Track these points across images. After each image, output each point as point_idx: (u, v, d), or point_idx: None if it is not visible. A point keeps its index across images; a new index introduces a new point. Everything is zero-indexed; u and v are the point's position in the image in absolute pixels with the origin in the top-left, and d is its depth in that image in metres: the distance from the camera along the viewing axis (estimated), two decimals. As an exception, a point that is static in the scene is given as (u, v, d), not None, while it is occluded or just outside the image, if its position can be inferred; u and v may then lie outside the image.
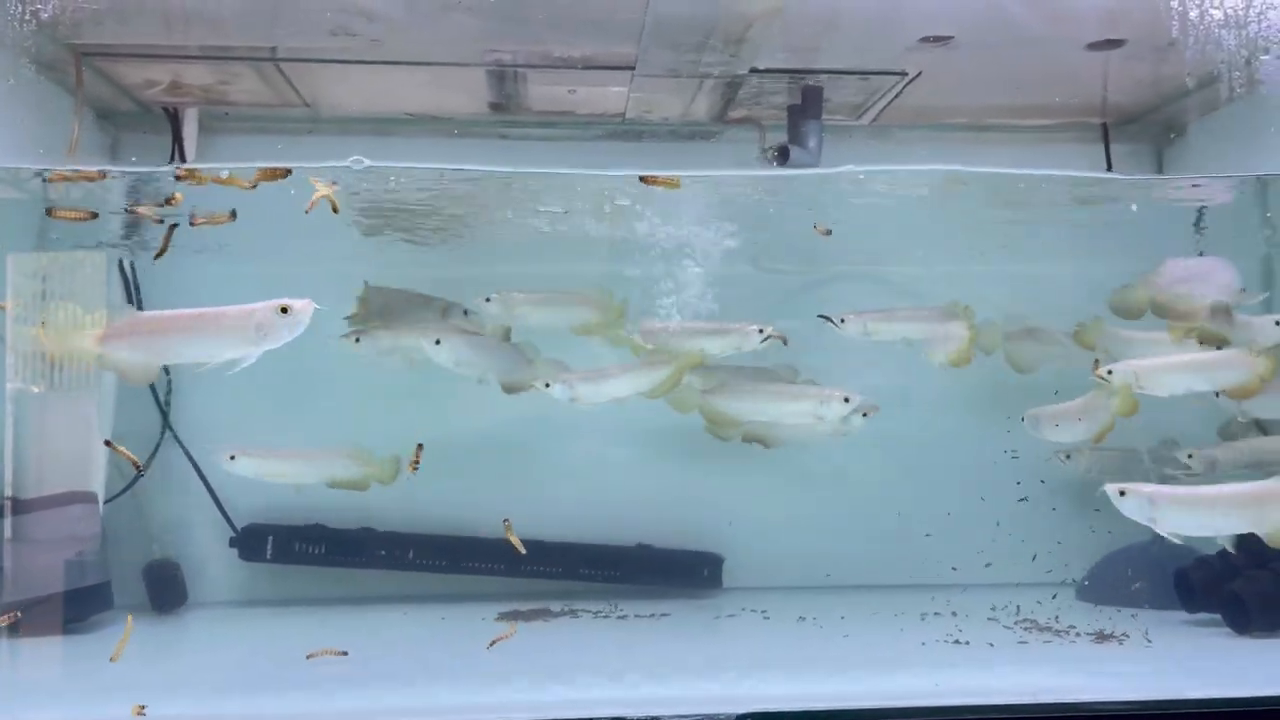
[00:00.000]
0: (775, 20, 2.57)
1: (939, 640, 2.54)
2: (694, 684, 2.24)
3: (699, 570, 3.14)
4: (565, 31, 2.66)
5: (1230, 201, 2.91)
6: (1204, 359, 2.68)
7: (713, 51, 2.73)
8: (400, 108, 3.25)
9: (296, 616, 2.92)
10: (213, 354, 2.22)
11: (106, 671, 2.43)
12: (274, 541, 3.01)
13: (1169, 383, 2.65)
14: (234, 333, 2.18)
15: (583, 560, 3.10)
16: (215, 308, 2.23)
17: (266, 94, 3.07)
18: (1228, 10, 2.22)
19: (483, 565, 3.06)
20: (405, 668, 2.38)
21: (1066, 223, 3.22)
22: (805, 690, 2.16)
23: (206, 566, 3.07)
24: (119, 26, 2.62)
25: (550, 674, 2.26)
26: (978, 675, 2.32)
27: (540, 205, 2.88)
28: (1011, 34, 2.61)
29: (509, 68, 2.90)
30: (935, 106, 3.27)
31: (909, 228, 3.19)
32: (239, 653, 2.65)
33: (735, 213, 2.96)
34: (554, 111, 3.25)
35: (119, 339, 2.26)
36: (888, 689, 2.17)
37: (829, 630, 2.70)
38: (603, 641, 2.64)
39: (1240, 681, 2.19)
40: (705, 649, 2.66)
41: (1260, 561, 2.56)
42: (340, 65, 2.88)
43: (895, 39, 2.75)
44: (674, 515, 3.19)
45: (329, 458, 2.81)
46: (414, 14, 2.53)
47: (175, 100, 3.13)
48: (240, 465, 2.76)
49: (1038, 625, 2.68)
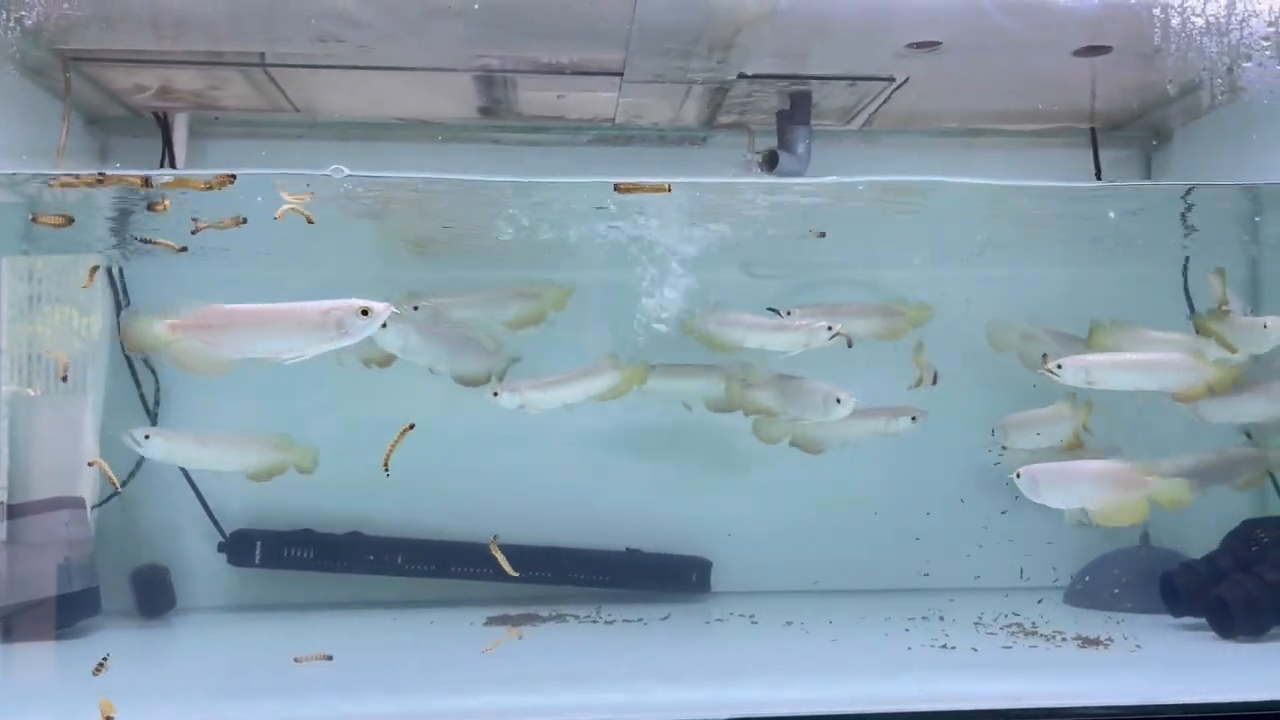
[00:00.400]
0: (763, 26, 2.57)
1: (925, 645, 2.55)
2: (680, 689, 2.25)
3: (687, 575, 3.14)
4: (552, 38, 2.66)
5: (1218, 206, 2.91)
6: (1154, 359, 2.72)
7: (700, 57, 2.73)
8: (390, 112, 3.25)
9: (285, 622, 2.92)
10: (287, 350, 2.22)
11: (94, 677, 2.44)
12: (262, 546, 3.01)
13: (1118, 380, 2.67)
14: (312, 330, 2.19)
15: (571, 565, 3.11)
16: (292, 304, 2.24)
17: (256, 99, 3.07)
18: (1209, 18, 2.23)
19: (471, 570, 3.06)
20: (393, 673, 2.38)
21: (1055, 227, 3.22)
22: (790, 696, 2.16)
23: (195, 572, 3.07)
24: (106, 32, 2.62)
25: (537, 679, 2.26)
26: (962, 680, 2.32)
27: (510, 208, 2.88)
28: (998, 40, 2.62)
29: (497, 73, 2.91)
30: (924, 112, 3.28)
31: (899, 232, 3.20)
32: (227, 658, 2.66)
33: (724, 218, 2.96)
34: (544, 116, 3.26)
35: (193, 331, 2.26)
36: (872, 694, 2.17)
37: (816, 635, 2.70)
38: (590, 647, 2.64)
39: (1224, 686, 2.19)
40: (692, 654, 2.66)
41: (1245, 566, 2.57)
42: (329, 70, 2.88)
43: (883, 45, 2.75)
44: (663, 520, 3.19)
45: (245, 443, 2.72)
46: (400, 21, 2.54)
47: (165, 105, 3.13)
48: (153, 446, 2.65)
49: (1024, 630, 2.69)
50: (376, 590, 3.06)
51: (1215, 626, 2.55)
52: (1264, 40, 2.27)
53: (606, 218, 2.89)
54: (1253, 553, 2.60)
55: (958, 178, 2.66)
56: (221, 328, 2.25)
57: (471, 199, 2.80)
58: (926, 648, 2.53)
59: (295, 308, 2.21)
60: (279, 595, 3.07)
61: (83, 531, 2.79)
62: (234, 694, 2.26)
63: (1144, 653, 2.45)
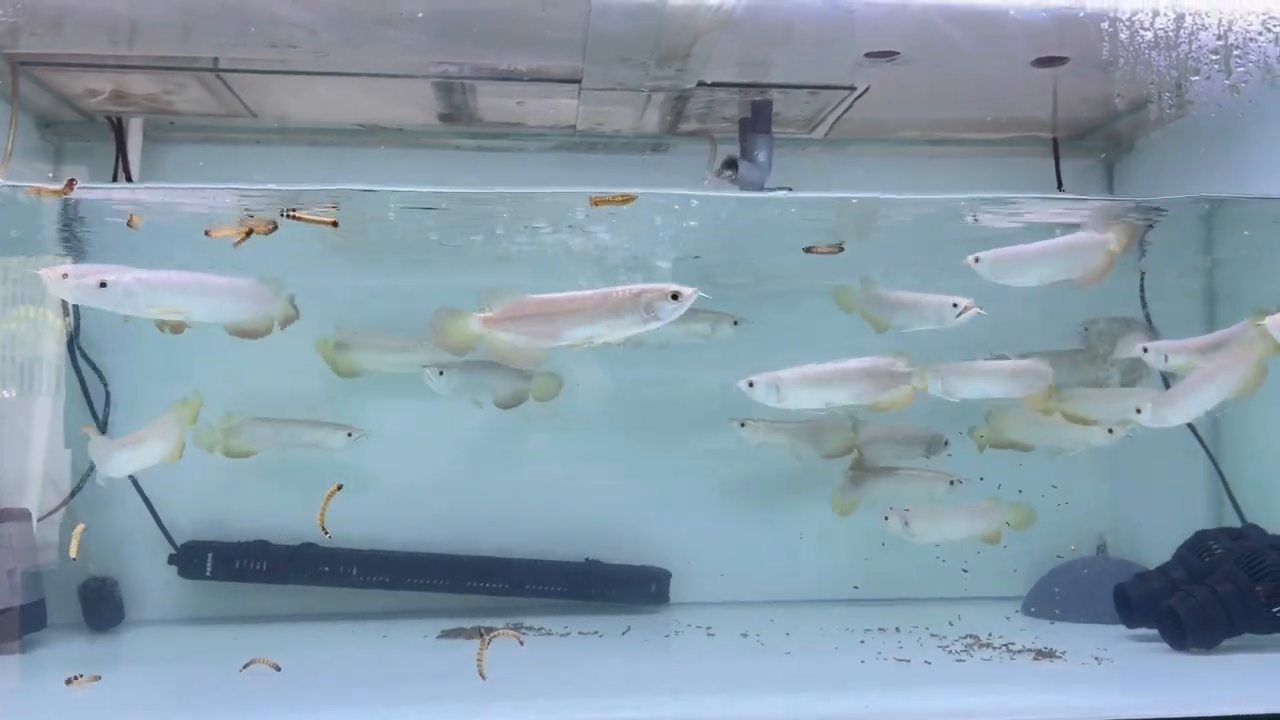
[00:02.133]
0: (720, 35, 2.56)
1: (879, 657, 2.54)
2: (629, 702, 2.23)
3: (646, 586, 3.12)
4: (507, 45, 2.64)
5: (1173, 217, 2.92)
6: (1003, 367, 2.80)
7: (658, 65, 2.71)
8: (350, 118, 3.22)
9: (236, 634, 2.88)
10: (600, 334, 2.26)
11: (39, 691, 2.41)
12: (214, 558, 2.97)
13: (969, 387, 2.75)
14: (624, 314, 2.22)
15: (529, 576, 3.08)
16: (601, 289, 2.26)
17: (212, 104, 3.03)
18: (1158, 31, 2.23)
19: (427, 581, 3.03)
20: (345, 686, 2.35)
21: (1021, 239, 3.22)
22: (736, 712, 2.15)
23: (145, 584, 3.02)
24: (55, 35, 2.58)
25: (490, 692, 2.23)
26: (913, 695, 2.31)
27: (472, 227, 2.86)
28: (955, 50, 2.62)
29: (455, 80, 2.88)
30: (887, 120, 3.27)
31: (861, 242, 3.19)
32: (176, 672, 2.61)
33: (686, 227, 2.95)
34: (505, 123, 3.24)
35: (505, 322, 2.29)
36: (819, 711, 2.16)
37: (770, 648, 2.69)
38: (546, 659, 2.62)
39: (1173, 701, 2.19)
40: (645, 667, 2.64)
41: (1198, 577, 2.57)
42: (285, 76, 2.85)
43: (842, 54, 2.74)
44: (622, 530, 3.17)
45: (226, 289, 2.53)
46: (354, 27, 2.51)
47: (119, 110, 3.09)
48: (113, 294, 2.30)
49: (979, 642, 2.68)
50: (331, 602, 3.02)
51: (1167, 638, 2.55)
52: (1212, 55, 2.27)
53: (567, 225, 2.89)
54: (1206, 564, 2.60)
55: (912, 194, 2.67)
56: (533, 317, 2.29)
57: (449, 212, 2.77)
58: (881, 660, 2.52)
59: (606, 293, 2.25)
60: (231, 607, 3.02)
61: (28, 543, 2.75)
62: (182, 709, 2.23)
63: (1097, 665, 2.45)
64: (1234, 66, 2.31)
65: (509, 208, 2.80)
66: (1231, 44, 2.29)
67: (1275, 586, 2.47)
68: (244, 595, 2.99)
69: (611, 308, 2.23)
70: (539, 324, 2.29)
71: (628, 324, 2.23)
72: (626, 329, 2.24)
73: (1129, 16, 2.24)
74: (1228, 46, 2.28)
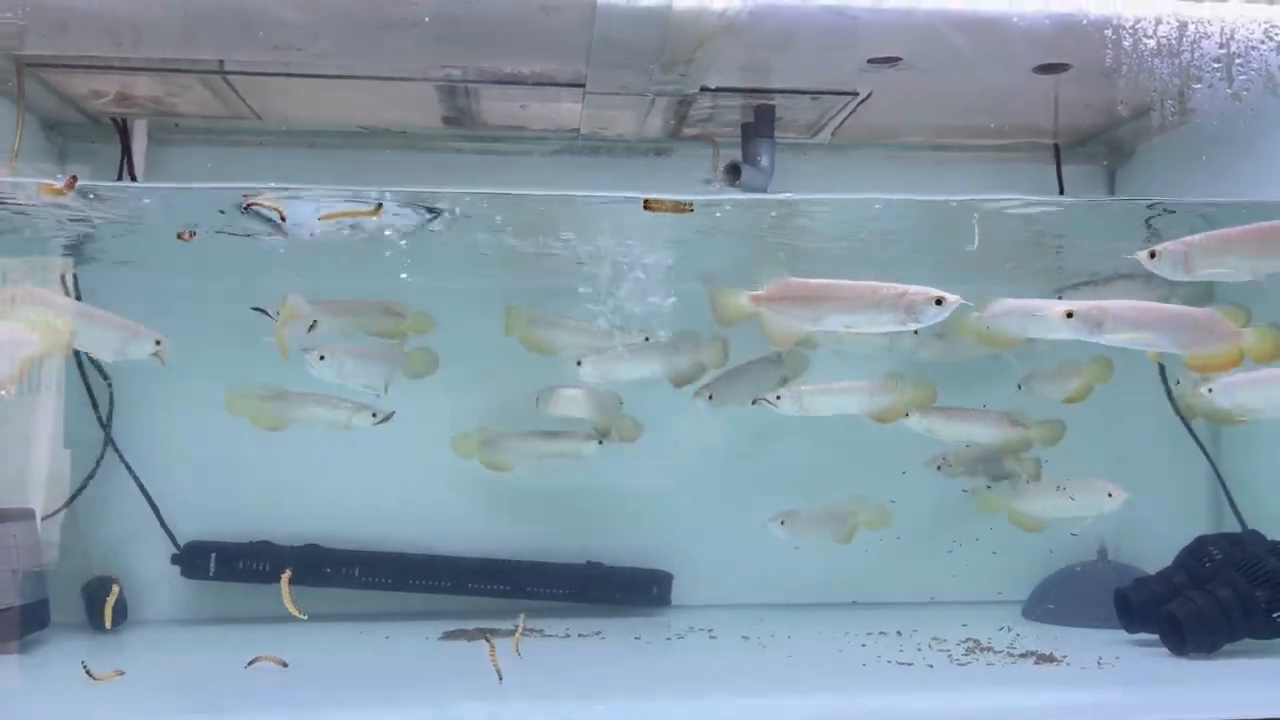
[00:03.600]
0: (724, 40, 2.57)
1: (881, 660, 2.55)
2: (630, 704, 2.23)
3: (648, 588, 3.13)
4: (511, 50, 2.65)
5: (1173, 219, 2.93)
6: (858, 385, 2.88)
7: (662, 70, 2.73)
8: (354, 120, 3.24)
9: (239, 635, 2.88)
10: (858, 325, 2.34)
11: (41, 691, 2.41)
12: (217, 559, 2.98)
13: (828, 405, 2.84)
14: (885, 311, 2.29)
15: (531, 578, 3.09)
16: (870, 283, 2.32)
17: (216, 106, 3.05)
18: (1160, 39, 2.24)
19: (429, 583, 3.04)
20: (348, 687, 2.36)
21: (1020, 242, 3.23)
22: (737, 714, 2.15)
23: (148, 584, 3.03)
24: (60, 37, 2.59)
25: (491, 693, 2.24)
26: (914, 698, 2.31)
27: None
28: (957, 56, 2.63)
29: (459, 83, 2.89)
30: (890, 126, 3.29)
31: (859, 245, 3.20)
32: (178, 671, 2.62)
33: (683, 231, 2.95)
34: (508, 126, 3.25)
35: (773, 303, 2.38)
36: (820, 713, 2.17)
37: (772, 650, 2.69)
38: (548, 661, 2.62)
39: (1174, 705, 2.20)
40: (647, 669, 2.64)
41: (1198, 582, 2.58)
42: (289, 78, 2.86)
43: (844, 60, 2.76)
44: (624, 532, 3.18)
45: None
46: (358, 30, 2.51)
47: (124, 111, 3.10)
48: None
49: (980, 645, 2.69)
50: (334, 603, 3.02)
51: (1167, 643, 2.55)
52: (1215, 63, 2.28)
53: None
54: (1206, 569, 2.61)
55: (919, 195, 2.68)
56: (800, 300, 2.37)
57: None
58: (882, 663, 2.52)
59: (873, 287, 2.31)
60: (234, 608, 3.02)
61: (32, 543, 2.75)
62: (185, 708, 2.23)
63: (1096, 670, 2.45)
64: (1236, 74, 2.33)
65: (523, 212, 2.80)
66: (1234, 52, 2.31)
67: (1275, 592, 2.48)
68: (247, 596, 2.99)
69: (875, 302, 2.30)
70: (804, 307, 2.37)
71: (886, 321, 2.30)
72: (884, 325, 2.31)
73: (1132, 24, 2.25)
74: (1230, 54, 2.29)
